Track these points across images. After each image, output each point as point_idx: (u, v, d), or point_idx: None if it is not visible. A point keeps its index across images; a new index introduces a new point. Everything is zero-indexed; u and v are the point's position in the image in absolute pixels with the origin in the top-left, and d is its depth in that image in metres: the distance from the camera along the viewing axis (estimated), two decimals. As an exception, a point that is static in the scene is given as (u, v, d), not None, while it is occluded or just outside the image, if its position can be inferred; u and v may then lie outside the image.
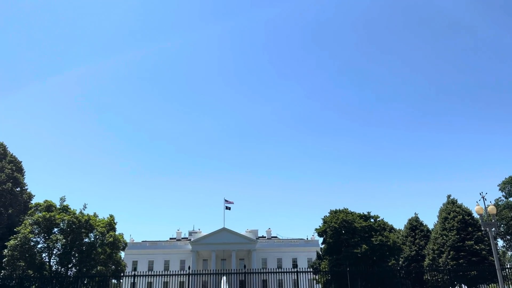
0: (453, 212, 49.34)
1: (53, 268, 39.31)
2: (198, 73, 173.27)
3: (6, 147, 55.19)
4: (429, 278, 47.48)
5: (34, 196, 56.50)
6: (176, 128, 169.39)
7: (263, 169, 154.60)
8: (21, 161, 56.62)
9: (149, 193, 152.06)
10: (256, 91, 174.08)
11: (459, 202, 51.30)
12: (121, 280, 43.46)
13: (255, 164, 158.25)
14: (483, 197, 23.33)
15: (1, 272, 38.88)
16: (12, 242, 36.91)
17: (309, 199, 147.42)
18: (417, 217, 61.75)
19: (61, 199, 42.78)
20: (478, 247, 45.12)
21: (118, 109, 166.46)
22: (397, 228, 64.35)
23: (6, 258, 36.67)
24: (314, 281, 48.09)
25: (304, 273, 34.02)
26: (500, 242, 54.39)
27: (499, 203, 50.71)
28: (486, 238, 44.91)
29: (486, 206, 23.03)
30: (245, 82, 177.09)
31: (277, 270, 34.84)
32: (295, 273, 32.67)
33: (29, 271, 36.15)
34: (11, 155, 55.47)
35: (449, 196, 52.38)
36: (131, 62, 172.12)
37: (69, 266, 39.27)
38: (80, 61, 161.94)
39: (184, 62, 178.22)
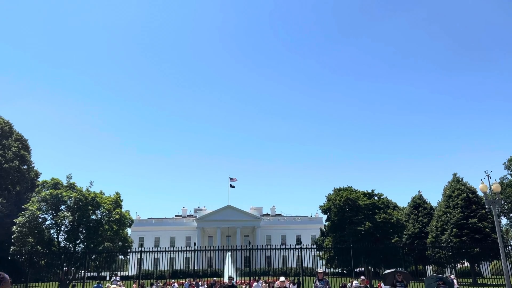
0: (457, 190, 49.46)
1: (61, 244, 40.03)
2: (200, 45, 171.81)
3: (12, 125, 55.50)
4: (431, 254, 48.01)
5: (41, 174, 57.20)
6: (180, 105, 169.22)
7: (268, 147, 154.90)
8: (27, 139, 57.05)
9: (155, 171, 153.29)
10: (262, 67, 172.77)
11: (464, 180, 51.39)
12: (128, 256, 44.30)
13: (260, 142, 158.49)
14: (488, 175, 23.29)
15: (11, 248, 39.66)
16: (20, 218, 37.50)
17: (313, 177, 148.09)
18: (421, 195, 62.02)
19: (67, 176, 43.22)
20: (481, 225, 45.38)
21: (123, 87, 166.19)
22: (401, 206, 64.70)
23: (15, 235, 37.34)
24: (318, 258, 48.77)
25: (308, 250, 34.46)
26: (504, 220, 54.62)
27: (504, 181, 50.65)
28: (489, 216, 45.09)
29: (491, 184, 23.01)
30: (249, 55, 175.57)
31: (281, 247, 35.29)
32: (299, 250, 33.09)
33: (38, 247, 36.82)
34: (17, 133, 55.85)
35: (455, 174, 52.40)
36: (135, 37, 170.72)
37: (77, 242, 39.96)
38: (86, 39, 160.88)
39: (187, 36, 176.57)
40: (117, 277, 35.23)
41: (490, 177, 23.29)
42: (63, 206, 39.88)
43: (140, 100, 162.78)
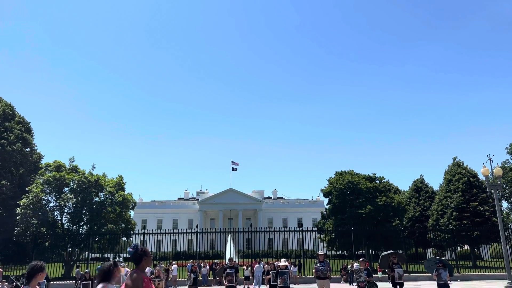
0: (458, 174, 49.56)
1: (65, 226, 40.46)
2: (200, 29, 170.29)
3: (14, 108, 55.54)
4: (432, 237, 48.39)
5: (43, 156, 57.48)
6: (183, 89, 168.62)
7: (270, 131, 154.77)
8: (29, 122, 57.18)
9: (157, 154, 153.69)
10: (263, 50, 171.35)
11: (465, 164, 51.44)
12: (131, 238, 44.67)
13: (262, 126, 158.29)
14: (489, 159, 23.27)
15: (16, 230, 40.13)
16: (24, 200, 37.82)
17: (315, 161, 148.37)
18: (423, 179, 62.20)
19: (70, 159, 43.39)
20: (482, 208, 45.61)
21: (125, 70, 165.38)
22: (402, 190, 64.95)
23: (20, 216, 37.72)
24: (319, 240, 49.20)
25: (309, 232, 34.78)
26: (505, 204, 54.88)
27: (506, 165, 50.73)
28: (490, 200, 45.26)
29: (493, 168, 23.03)
30: (249, 38, 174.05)
31: (283, 229, 35.62)
32: (300, 232, 33.40)
33: (42, 228, 37.22)
34: (19, 115, 55.93)
35: (455, 158, 52.43)
36: (136, 22, 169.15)
37: (80, 224, 40.36)
38: (89, 23, 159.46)
39: (188, 21, 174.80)
40: (121, 259, 35.69)
41: (492, 161, 23.30)
42: (66, 189, 40.16)
43: (143, 83, 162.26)
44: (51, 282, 27.59)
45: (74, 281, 28.25)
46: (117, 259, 35.03)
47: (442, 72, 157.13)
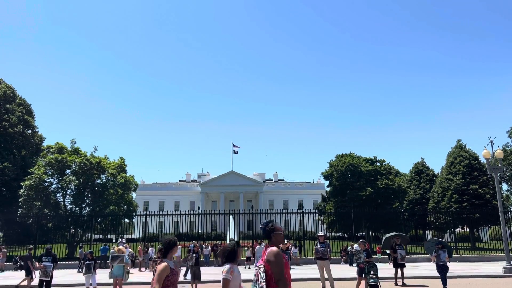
0: (459, 157, 49.62)
1: (68, 208, 40.80)
2: (201, 9, 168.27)
3: (15, 90, 55.35)
4: (432, 220, 48.74)
5: (45, 138, 57.53)
6: (185, 71, 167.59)
7: (271, 113, 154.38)
8: (30, 104, 57.02)
9: (158, 136, 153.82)
10: (263, 31, 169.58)
11: (467, 147, 51.43)
12: (133, 220, 45.11)
13: (263, 109, 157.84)
14: (491, 142, 23.26)
15: (19, 211, 40.49)
16: (27, 182, 38.05)
17: (316, 144, 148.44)
18: (424, 162, 62.32)
19: (71, 141, 43.50)
20: (482, 191, 45.80)
21: (127, 52, 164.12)
22: (403, 173, 65.12)
23: (23, 198, 38.02)
24: (319, 222, 49.59)
25: (309, 214, 35.02)
26: (505, 187, 55.07)
27: (507, 148, 50.73)
28: (491, 182, 45.39)
29: (494, 151, 23.03)
30: (250, 20, 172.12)
31: (283, 211, 35.88)
32: (301, 214, 33.64)
33: (45, 210, 37.55)
34: (20, 97, 55.77)
35: (458, 141, 52.39)
36: (137, 3, 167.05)
37: (83, 205, 40.70)
38: (89, 1, 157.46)
39: (191, 5, 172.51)
40: (123, 240, 36.08)
41: (494, 143, 23.29)
42: (68, 171, 40.37)
43: (144, 66, 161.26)
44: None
45: (77, 261, 28.68)
46: (120, 240, 35.45)
47: (446, 55, 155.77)
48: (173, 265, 5.05)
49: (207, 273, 22.45)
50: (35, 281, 20.25)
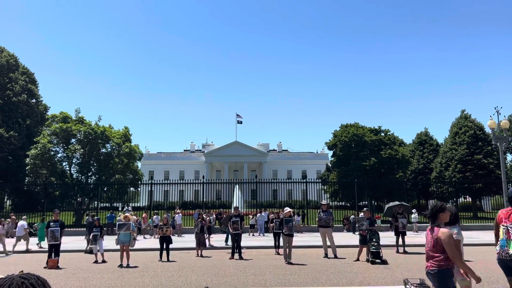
0: (464, 127, 49.35)
1: (74, 176, 41.30)
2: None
3: (18, 58, 55.01)
4: (434, 189, 49.02)
5: (49, 108, 57.64)
6: (188, 43, 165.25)
7: (275, 83, 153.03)
8: (33, 73, 56.81)
9: (162, 107, 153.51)
10: (271, 2, 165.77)
11: (472, 117, 51.03)
12: (139, 188, 45.68)
13: (267, 79, 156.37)
14: (497, 111, 23.09)
15: (26, 179, 41.07)
16: (33, 151, 38.37)
17: (321, 114, 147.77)
18: (427, 132, 62.07)
19: (76, 110, 43.54)
20: (486, 161, 45.78)
21: (132, 22, 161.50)
22: (408, 143, 65.01)
23: (29, 166, 38.45)
24: (322, 191, 50.05)
25: (313, 184, 35.33)
26: (509, 157, 54.98)
27: (513, 118, 50.35)
28: (495, 153, 45.29)
29: (500, 121, 22.86)
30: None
31: (287, 181, 36.14)
32: (304, 184, 33.92)
33: (51, 178, 38.03)
34: (23, 66, 55.50)
35: (463, 111, 51.93)
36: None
37: (89, 174, 41.16)
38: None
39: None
40: (129, 208, 36.72)
41: (500, 113, 23.11)
42: (73, 140, 40.61)
43: (149, 36, 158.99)
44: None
45: (84, 228, 29.31)
46: (127, 208, 36.07)
47: (451, 22, 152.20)
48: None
49: (211, 240, 22.94)
50: (33, 247, 20.81)
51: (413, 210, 29.68)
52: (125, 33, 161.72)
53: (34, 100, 54.30)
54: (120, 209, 45.06)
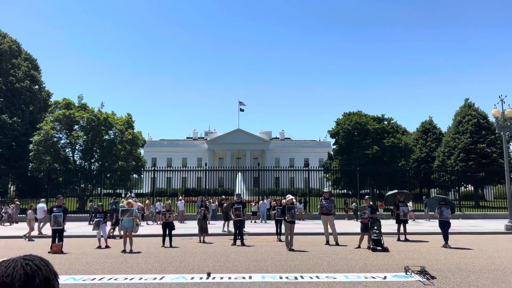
0: (468, 116, 49.10)
1: (77, 163, 41.45)
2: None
3: (20, 44, 54.81)
4: (437, 178, 48.99)
5: (52, 94, 57.61)
6: (191, 30, 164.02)
7: (278, 71, 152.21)
8: (36, 59, 56.65)
9: (165, 94, 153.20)
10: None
11: (476, 106, 50.74)
12: (142, 175, 45.84)
13: (270, 66, 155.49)
14: (502, 100, 22.90)
15: (29, 165, 41.25)
16: (36, 137, 38.45)
17: (323, 102, 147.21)
18: (431, 120, 61.77)
19: (78, 97, 43.46)
20: (489, 150, 45.63)
21: (135, 8, 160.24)
22: (411, 132, 64.77)
23: (33, 153, 38.59)
24: (325, 179, 50.09)
25: (315, 172, 35.36)
26: (513, 146, 54.74)
27: (518, 107, 49.96)
28: (498, 142, 45.11)
29: (504, 109, 22.69)
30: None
31: (289, 169, 36.20)
32: (307, 172, 33.96)
33: (55, 164, 38.18)
34: (26, 52, 55.32)
35: (466, 100, 51.61)
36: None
37: (92, 161, 41.28)
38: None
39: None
40: (132, 194, 36.85)
41: (504, 102, 22.93)
42: (76, 126, 40.65)
43: (152, 23, 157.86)
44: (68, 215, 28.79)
45: (88, 214, 29.53)
46: (130, 194, 36.24)
47: (455, 10, 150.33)
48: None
49: (213, 226, 23.10)
50: (34, 232, 21.04)
51: None
52: (128, 20, 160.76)
53: (37, 86, 54.26)
54: (123, 196, 45.39)
